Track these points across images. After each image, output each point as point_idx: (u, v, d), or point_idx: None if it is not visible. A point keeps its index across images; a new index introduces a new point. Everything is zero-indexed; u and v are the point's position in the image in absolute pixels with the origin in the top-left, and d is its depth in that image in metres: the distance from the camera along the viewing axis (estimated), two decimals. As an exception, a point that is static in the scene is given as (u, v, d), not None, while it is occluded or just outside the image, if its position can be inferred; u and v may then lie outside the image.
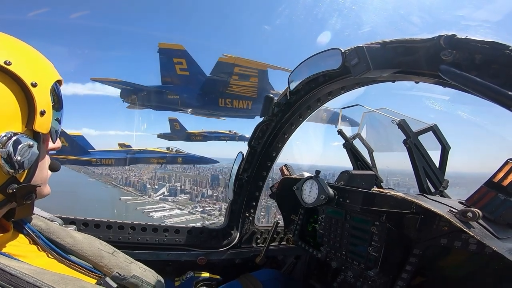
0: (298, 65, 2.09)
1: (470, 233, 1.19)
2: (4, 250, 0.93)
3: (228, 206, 2.79)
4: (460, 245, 1.47)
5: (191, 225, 2.70)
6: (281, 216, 2.73)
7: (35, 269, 0.85)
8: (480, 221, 1.26)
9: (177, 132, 37.02)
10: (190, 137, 37.54)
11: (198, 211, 58.59)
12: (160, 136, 37.92)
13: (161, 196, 61.77)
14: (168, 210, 57.63)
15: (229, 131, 37.97)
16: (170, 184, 65.62)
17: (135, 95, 30.84)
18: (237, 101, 32.21)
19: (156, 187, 65.56)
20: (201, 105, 31.92)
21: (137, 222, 2.46)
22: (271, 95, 2.41)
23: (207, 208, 58.18)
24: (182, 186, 65.98)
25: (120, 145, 38.74)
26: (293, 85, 2.20)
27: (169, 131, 37.05)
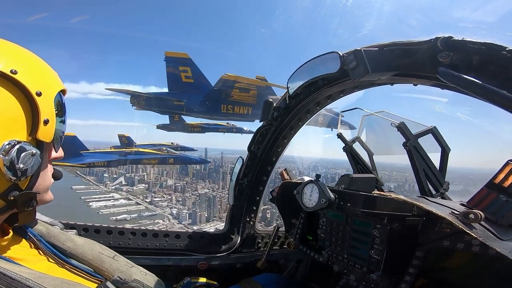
0: (297, 69, 2.10)
1: (473, 234, 1.19)
2: (5, 254, 0.94)
3: (229, 210, 2.78)
4: (463, 247, 1.46)
5: (191, 230, 2.69)
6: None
7: (36, 273, 0.85)
8: (482, 222, 1.25)
9: (176, 123, 38.16)
10: (189, 128, 38.87)
11: (146, 201, 59.07)
12: (159, 127, 38.92)
13: (117, 186, 61.52)
14: (112, 200, 57.82)
15: (227, 123, 39.06)
16: (136, 174, 65.19)
17: (143, 101, 32.95)
18: (238, 107, 34.15)
19: (115, 176, 65.27)
20: (204, 110, 33.84)
21: (137, 228, 2.45)
22: (271, 100, 2.42)
23: (156, 199, 58.31)
24: (146, 176, 65.87)
25: (120, 136, 39.67)
26: (292, 89, 2.21)
27: (168, 122, 38.07)
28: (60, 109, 1.00)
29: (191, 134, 39.78)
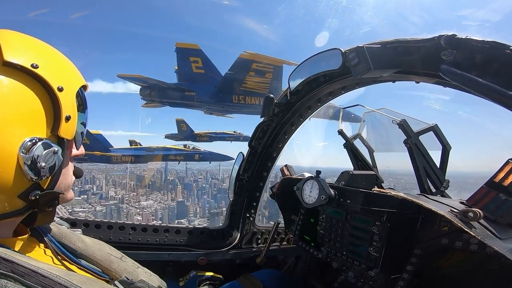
0: (299, 65, 2.10)
1: (471, 233, 1.19)
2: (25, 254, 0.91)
3: (229, 206, 2.79)
4: (461, 245, 1.47)
5: (191, 225, 2.70)
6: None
7: (63, 271, 0.84)
8: (481, 221, 1.26)
9: (184, 132, 38.67)
10: (197, 137, 39.42)
11: (68, 212, 58.72)
12: (168, 136, 39.45)
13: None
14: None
15: (234, 132, 39.64)
16: (81, 185, 65.14)
17: (154, 92, 32.74)
18: (249, 98, 33.98)
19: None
20: (215, 101, 33.74)
21: (137, 223, 2.46)
22: (272, 96, 2.42)
23: (77, 209, 56.44)
24: (95, 188, 67.17)
25: (131, 142, 40.14)
26: (293, 85, 2.20)
27: (176, 132, 38.63)
28: (82, 105, 0.97)
29: (199, 143, 40.33)
